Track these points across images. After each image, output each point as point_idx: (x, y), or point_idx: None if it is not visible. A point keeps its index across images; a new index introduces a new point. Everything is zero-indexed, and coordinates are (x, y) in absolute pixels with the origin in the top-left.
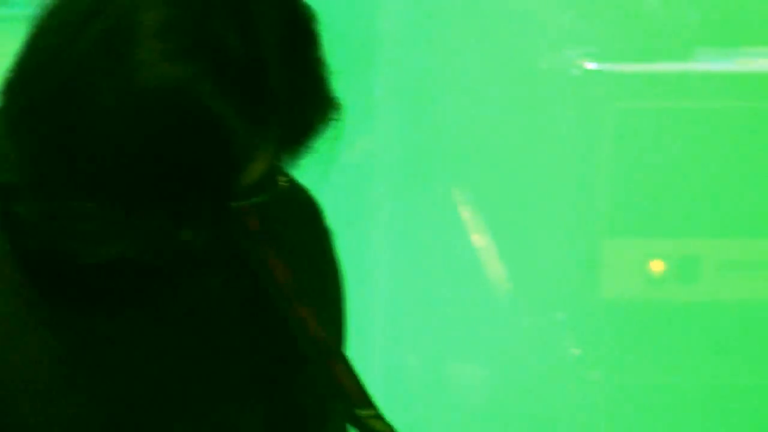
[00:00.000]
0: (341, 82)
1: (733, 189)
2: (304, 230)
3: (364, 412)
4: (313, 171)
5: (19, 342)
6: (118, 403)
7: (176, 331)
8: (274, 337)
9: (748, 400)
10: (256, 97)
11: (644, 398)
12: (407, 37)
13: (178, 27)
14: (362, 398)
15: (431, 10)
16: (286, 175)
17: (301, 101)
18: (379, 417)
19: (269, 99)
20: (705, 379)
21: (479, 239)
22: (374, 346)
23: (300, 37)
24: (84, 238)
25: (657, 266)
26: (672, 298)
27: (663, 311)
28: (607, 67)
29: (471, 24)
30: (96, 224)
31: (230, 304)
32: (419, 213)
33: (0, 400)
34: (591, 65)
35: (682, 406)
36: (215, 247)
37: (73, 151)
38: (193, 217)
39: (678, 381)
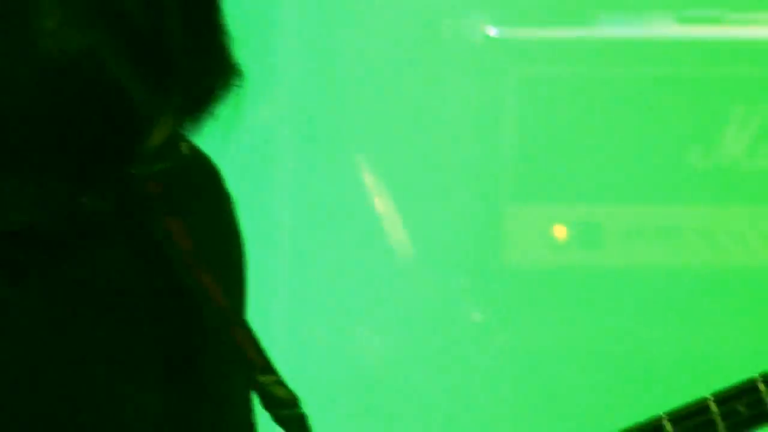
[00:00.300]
0: (242, 49)
1: (635, 155)
2: (205, 197)
3: (265, 379)
4: (215, 138)
5: None
6: (14, 368)
7: (77, 300)
8: (176, 306)
9: (646, 362)
10: (157, 64)
11: (546, 362)
12: (310, 4)
13: None
14: (264, 365)
15: None
16: (188, 142)
17: (202, 68)
18: (281, 383)
19: (171, 66)
20: (605, 342)
21: (382, 205)
22: (277, 312)
23: (201, 5)
24: None
25: (560, 232)
26: (574, 264)
27: (565, 277)
28: (509, 33)
29: None
30: None
31: (132, 273)
32: (322, 179)
33: None
34: (493, 31)
35: (583, 370)
36: (117, 215)
37: None
38: (96, 183)
39: (579, 345)
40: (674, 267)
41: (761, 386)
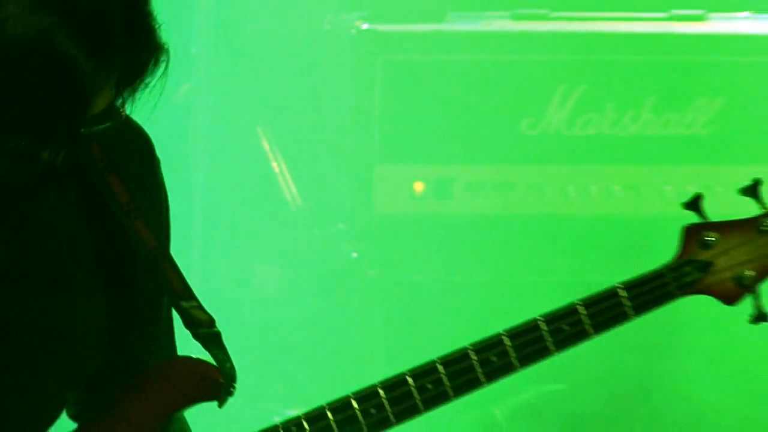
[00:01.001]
0: (165, 36)
1: (479, 125)
2: (137, 157)
3: (187, 304)
4: (144, 108)
5: None
6: None
7: (35, 232)
8: (114, 242)
9: (487, 290)
10: (101, 42)
11: (409, 292)
12: (220, 2)
13: None
14: (186, 293)
15: None
16: (124, 111)
17: (137, 46)
18: (200, 307)
19: (112, 44)
20: (455, 274)
21: (277, 167)
22: (194, 251)
23: None
24: None
25: (418, 187)
26: (430, 212)
27: (423, 222)
28: (378, 27)
29: None
30: None
31: (79, 213)
32: (229, 146)
33: None
34: (365, 26)
35: (438, 297)
36: (68, 168)
37: None
38: (51, 141)
39: (435, 278)
40: (509, 214)
41: (581, 309)
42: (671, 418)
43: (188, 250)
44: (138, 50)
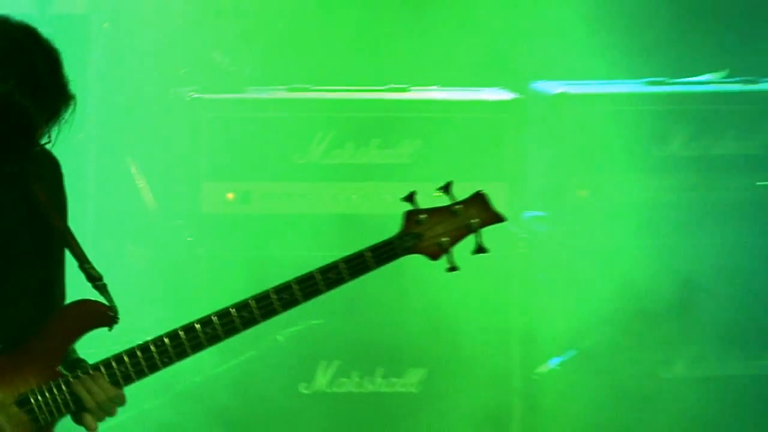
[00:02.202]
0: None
1: (266, 155)
2: (50, 171)
3: (87, 266)
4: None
5: None
6: None
7: None
8: (38, 226)
9: (279, 264)
10: (42, 98)
11: (225, 263)
12: (105, 71)
13: (6, 59)
14: (85, 258)
15: (116, 56)
16: (49, 139)
17: (60, 96)
18: (94, 268)
19: (48, 98)
20: (254, 251)
21: (140, 182)
22: (87, 234)
23: (56, 66)
24: None
25: (230, 196)
26: (237, 212)
27: (233, 218)
28: (204, 95)
29: (132, 64)
30: None
31: (19, 206)
32: (110, 167)
33: None
34: (195, 95)
35: (244, 268)
36: (16, 176)
37: None
38: (11, 158)
39: (242, 253)
40: (288, 213)
41: (341, 264)
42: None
43: (83, 234)
44: (60, 99)
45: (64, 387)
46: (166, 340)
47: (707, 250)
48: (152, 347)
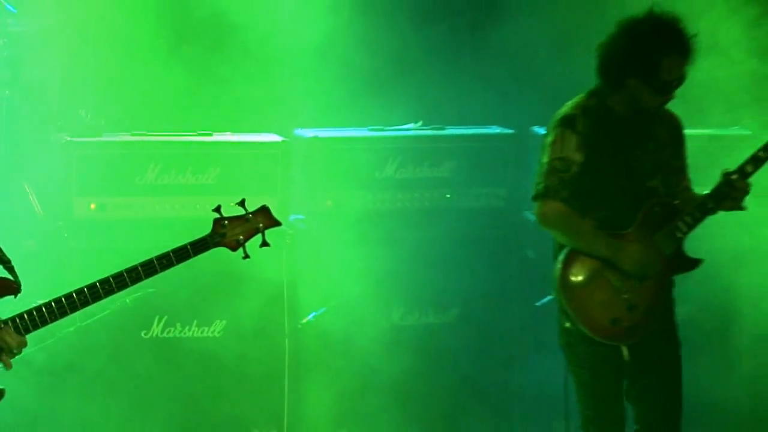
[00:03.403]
0: None
1: (118, 182)
2: None
3: (0, 253)
4: None
5: None
6: None
7: None
8: None
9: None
10: None
11: (96, 252)
12: (9, 124)
13: None
14: None
15: (17, 114)
16: None
17: None
18: (4, 254)
19: None
20: (112, 244)
21: (33, 199)
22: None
23: None
24: None
25: (92, 206)
26: (101, 217)
27: (98, 222)
28: (74, 139)
29: (30, 119)
30: None
31: None
32: (12, 189)
33: None
34: (68, 138)
35: (113, 258)
36: None
37: None
38: None
39: (108, 246)
40: (131, 219)
41: (155, 261)
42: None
43: None
44: None
45: None
46: (53, 304)
47: (411, 242)
48: (43, 308)
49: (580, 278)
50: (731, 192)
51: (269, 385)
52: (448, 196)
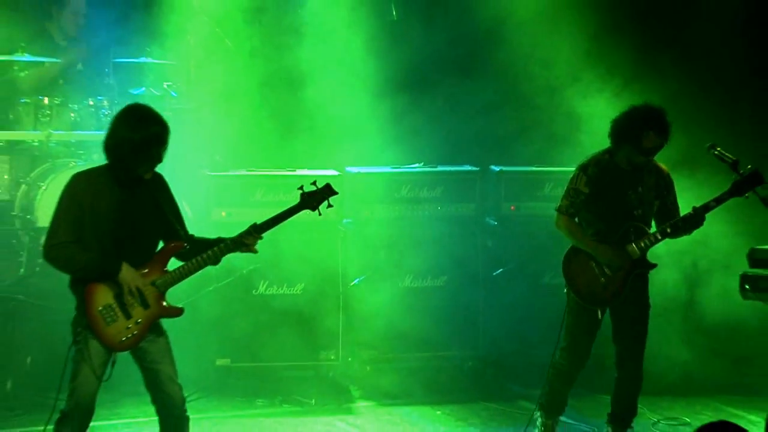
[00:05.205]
0: None
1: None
2: (163, 182)
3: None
4: None
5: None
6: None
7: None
8: (161, 216)
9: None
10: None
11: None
12: None
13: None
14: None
15: None
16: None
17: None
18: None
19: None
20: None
21: (186, 209)
22: None
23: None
24: None
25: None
26: None
27: None
28: (213, 173)
29: None
30: None
31: (142, 205)
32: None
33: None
34: (209, 173)
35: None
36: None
37: None
38: (133, 181)
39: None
40: None
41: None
42: None
43: None
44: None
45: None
46: (196, 258)
47: (416, 236)
48: (185, 265)
49: (575, 264)
50: (685, 225)
51: (330, 323)
52: (439, 208)
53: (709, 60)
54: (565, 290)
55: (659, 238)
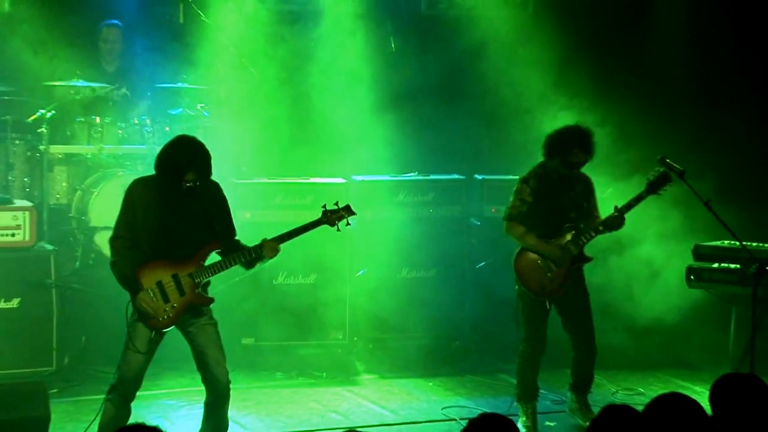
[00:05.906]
0: None
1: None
2: (216, 191)
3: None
4: None
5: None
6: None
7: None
8: (206, 220)
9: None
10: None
11: None
12: None
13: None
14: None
15: None
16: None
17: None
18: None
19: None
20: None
21: None
22: None
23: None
24: None
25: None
26: None
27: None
28: (239, 180)
29: None
30: None
31: (187, 210)
32: None
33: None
34: (236, 180)
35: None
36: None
37: None
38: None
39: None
40: None
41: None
42: None
43: None
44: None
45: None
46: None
47: (412, 234)
48: (218, 263)
49: (524, 262)
50: (614, 222)
51: (338, 308)
52: (431, 210)
53: (656, 84)
54: (516, 287)
55: (593, 235)
